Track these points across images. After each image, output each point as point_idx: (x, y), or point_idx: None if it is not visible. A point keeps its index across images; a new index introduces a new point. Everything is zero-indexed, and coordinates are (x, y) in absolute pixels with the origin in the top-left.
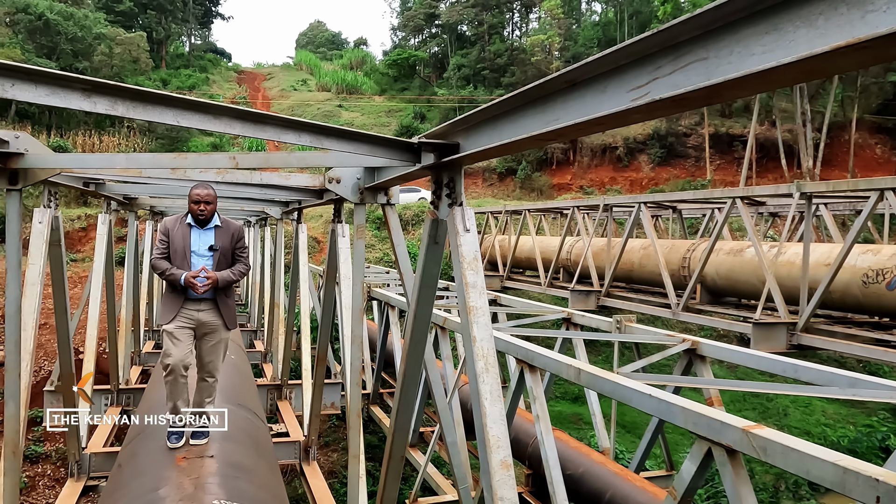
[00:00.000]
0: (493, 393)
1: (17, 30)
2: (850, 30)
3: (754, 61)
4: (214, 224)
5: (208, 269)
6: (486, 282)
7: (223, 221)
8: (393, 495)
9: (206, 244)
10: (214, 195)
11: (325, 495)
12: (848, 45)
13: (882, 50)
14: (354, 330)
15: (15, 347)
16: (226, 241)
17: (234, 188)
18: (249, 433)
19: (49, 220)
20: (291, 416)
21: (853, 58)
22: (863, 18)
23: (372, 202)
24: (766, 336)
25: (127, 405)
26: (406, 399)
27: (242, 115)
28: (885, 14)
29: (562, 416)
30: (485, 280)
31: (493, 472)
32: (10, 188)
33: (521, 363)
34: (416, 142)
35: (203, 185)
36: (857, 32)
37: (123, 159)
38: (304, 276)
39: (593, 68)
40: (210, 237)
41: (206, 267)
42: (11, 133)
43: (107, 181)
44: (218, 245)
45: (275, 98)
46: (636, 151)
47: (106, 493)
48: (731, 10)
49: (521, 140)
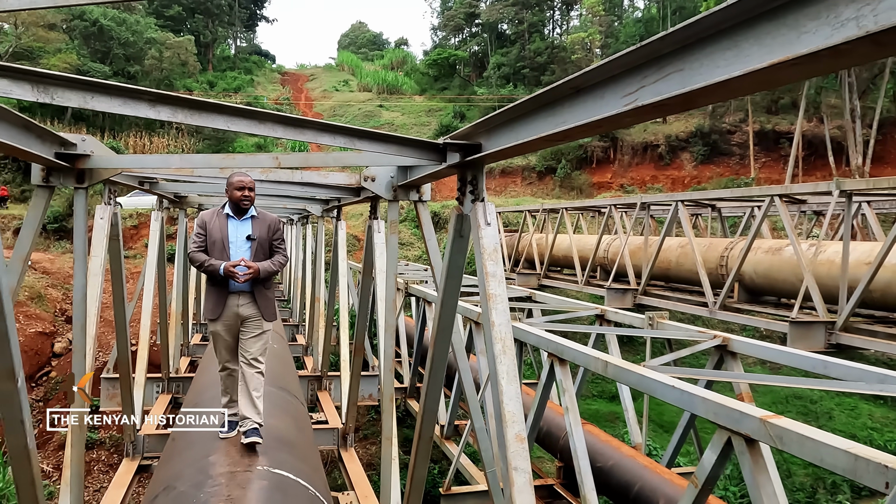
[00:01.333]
0: (509, 373)
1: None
2: (790, 48)
3: (719, 72)
4: (251, 215)
5: (247, 259)
6: (524, 280)
7: (259, 212)
8: (422, 474)
9: (244, 234)
10: (254, 183)
11: (362, 480)
12: (786, 61)
13: (811, 65)
14: (388, 320)
15: (81, 331)
16: (263, 231)
17: (277, 186)
18: (290, 412)
19: (109, 216)
20: (331, 405)
21: (790, 71)
22: (798, 38)
23: (405, 199)
24: (804, 335)
25: (177, 392)
26: (434, 383)
27: (284, 120)
28: (814, 35)
29: (598, 414)
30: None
31: (508, 445)
32: (77, 186)
33: (552, 356)
34: (441, 142)
35: (243, 173)
36: (794, 50)
37: (178, 160)
38: (342, 272)
39: (593, 76)
40: (247, 227)
41: (245, 258)
42: (79, 136)
43: (160, 180)
44: (255, 235)
45: (317, 99)
46: (678, 149)
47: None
48: (700, 29)
49: (535, 140)
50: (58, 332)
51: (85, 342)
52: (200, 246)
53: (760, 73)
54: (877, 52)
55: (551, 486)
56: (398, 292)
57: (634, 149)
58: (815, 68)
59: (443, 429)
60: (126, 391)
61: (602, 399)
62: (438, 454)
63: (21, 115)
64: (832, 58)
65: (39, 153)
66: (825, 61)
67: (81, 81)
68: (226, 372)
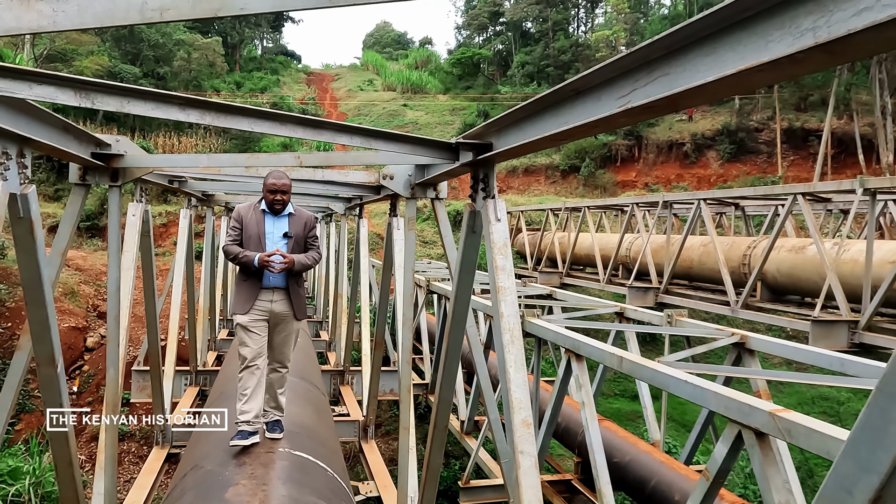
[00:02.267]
0: (517, 361)
1: (104, 38)
2: (758, 55)
3: (699, 77)
4: (288, 212)
5: (283, 251)
6: (546, 278)
7: (296, 210)
8: (438, 462)
9: (281, 231)
10: (290, 184)
11: (382, 470)
12: (753, 67)
13: (774, 72)
14: (405, 312)
15: (115, 322)
16: (299, 229)
17: (301, 185)
18: (312, 401)
19: (140, 213)
20: (353, 399)
21: (757, 77)
22: (766, 46)
23: (422, 197)
24: (826, 334)
25: (204, 385)
26: (448, 374)
27: (303, 121)
28: (778, 43)
29: (620, 413)
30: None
31: (515, 430)
32: (111, 184)
33: (568, 352)
34: (454, 142)
35: (279, 175)
36: (761, 57)
37: (205, 159)
38: (364, 268)
39: (592, 80)
40: (284, 224)
41: (281, 250)
42: (113, 137)
43: (188, 179)
44: (292, 232)
45: (342, 98)
46: (704, 147)
47: (190, 445)
48: (683, 35)
49: (540, 139)
50: (90, 327)
51: (119, 332)
52: (235, 239)
53: (733, 78)
54: (829, 60)
55: (569, 481)
56: (420, 289)
57: (659, 147)
58: (778, 75)
59: (463, 424)
60: (156, 382)
61: (624, 398)
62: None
63: (60, 118)
64: (791, 65)
65: (77, 153)
66: (786, 68)
67: (118, 87)
68: (248, 370)
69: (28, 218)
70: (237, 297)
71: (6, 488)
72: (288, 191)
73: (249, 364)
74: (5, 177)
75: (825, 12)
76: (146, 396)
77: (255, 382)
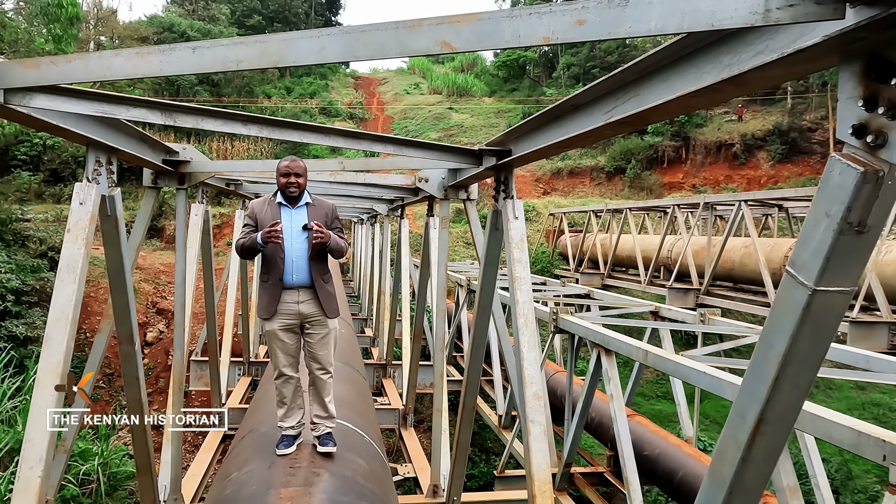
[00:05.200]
0: (530, 342)
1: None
2: (694, 83)
3: (660, 97)
4: (305, 202)
5: (303, 259)
6: (587, 279)
7: (315, 199)
8: (467, 439)
9: (299, 223)
10: (304, 168)
11: (419, 454)
12: (690, 93)
13: (703, 97)
14: (439, 304)
15: (181, 310)
16: (320, 219)
17: (346, 187)
18: (353, 382)
19: (202, 213)
20: (394, 390)
21: (694, 101)
22: (700, 76)
23: (455, 198)
24: (865, 335)
25: (255, 375)
26: (475, 357)
27: (344, 133)
28: (708, 75)
29: (661, 414)
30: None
31: (527, 402)
32: (179, 187)
33: (598, 347)
34: (477, 149)
35: (292, 158)
36: (698, 84)
37: (261, 165)
38: (405, 266)
39: (586, 96)
40: (303, 215)
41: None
42: (180, 145)
43: (243, 182)
44: (312, 223)
45: (388, 102)
46: (754, 148)
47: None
48: (647, 64)
49: (548, 147)
50: (149, 323)
51: (184, 319)
52: (247, 235)
53: (679, 100)
54: (737, 90)
55: (602, 473)
56: (461, 288)
57: (707, 148)
58: (707, 100)
59: (501, 419)
60: (215, 371)
61: (666, 400)
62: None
63: (140, 130)
64: (711, 93)
65: (151, 160)
66: (707, 95)
67: (195, 108)
68: (282, 379)
69: (114, 216)
70: (260, 299)
71: (78, 467)
72: (302, 174)
73: (283, 373)
74: (98, 181)
75: (737, 53)
76: (203, 385)
77: (292, 392)
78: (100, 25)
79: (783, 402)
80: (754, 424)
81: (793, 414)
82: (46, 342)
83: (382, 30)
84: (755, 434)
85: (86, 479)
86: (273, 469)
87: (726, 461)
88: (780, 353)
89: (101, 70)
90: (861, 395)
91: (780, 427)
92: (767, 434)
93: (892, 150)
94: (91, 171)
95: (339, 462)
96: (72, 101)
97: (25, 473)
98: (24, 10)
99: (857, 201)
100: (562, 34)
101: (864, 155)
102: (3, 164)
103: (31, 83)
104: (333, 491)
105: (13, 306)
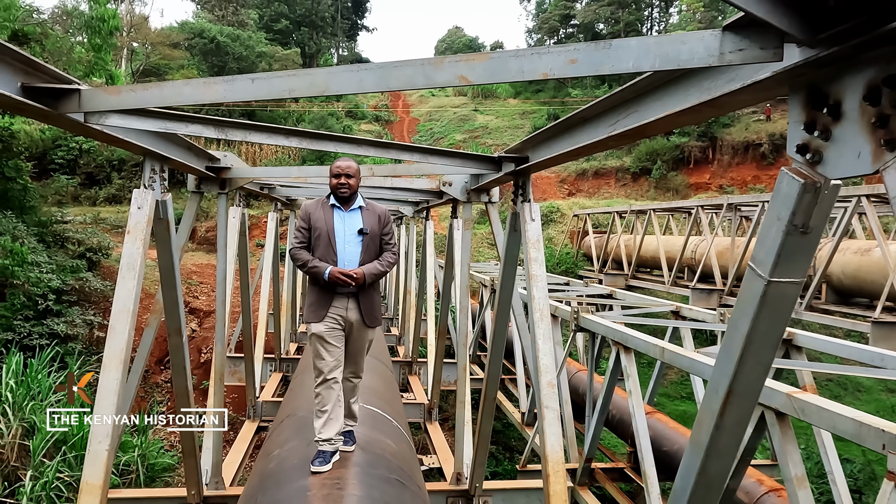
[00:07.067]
0: (545, 335)
1: (193, 52)
2: (682, 103)
3: (654, 114)
4: (359, 205)
5: (355, 264)
6: (611, 280)
7: (368, 203)
8: (488, 429)
9: (354, 228)
10: (357, 169)
11: (443, 446)
12: (677, 112)
13: (688, 116)
14: (462, 302)
15: (222, 305)
16: (374, 224)
17: (375, 191)
18: (381, 374)
19: (239, 216)
20: (419, 387)
21: (681, 118)
22: (686, 97)
23: (477, 201)
24: (888, 335)
25: (287, 371)
26: (496, 351)
27: (374, 143)
28: (691, 96)
29: (686, 414)
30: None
31: (542, 390)
32: (220, 192)
33: (617, 344)
34: (497, 155)
35: (345, 158)
36: (683, 105)
37: (296, 171)
38: (430, 266)
39: (594, 110)
40: (357, 219)
41: (352, 269)
42: (221, 153)
43: (276, 185)
44: (367, 228)
45: (414, 104)
46: (782, 148)
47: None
48: (643, 84)
49: (560, 155)
50: None
51: (225, 314)
52: (303, 242)
53: (669, 117)
54: (714, 111)
55: (622, 469)
56: (485, 289)
57: (735, 148)
58: (685, 119)
59: (524, 416)
60: (249, 365)
61: (690, 401)
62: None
63: (186, 140)
64: (692, 114)
65: (196, 167)
66: (689, 115)
67: (244, 124)
68: (326, 384)
69: (166, 219)
70: (309, 303)
71: (118, 457)
72: (354, 175)
73: (328, 377)
74: (153, 188)
75: (715, 79)
76: (236, 380)
77: (335, 399)
78: (133, 32)
79: (748, 377)
80: (724, 396)
81: (757, 386)
82: (111, 332)
83: (411, 66)
84: (725, 404)
85: (126, 469)
86: (311, 447)
87: (703, 429)
88: (743, 334)
89: (174, 97)
90: (891, 397)
91: (747, 398)
92: (736, 405)
93: (826, 166)
94: (147, 178)
95: (370, 441)
96: (140, 119)
97: (95, 447)
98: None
99: (800, 207)
100: (558, 70)
101: (806, 169)
102: (42, 167)
103: (113, 107)
104: (365, 464)
105: (54, 305)
